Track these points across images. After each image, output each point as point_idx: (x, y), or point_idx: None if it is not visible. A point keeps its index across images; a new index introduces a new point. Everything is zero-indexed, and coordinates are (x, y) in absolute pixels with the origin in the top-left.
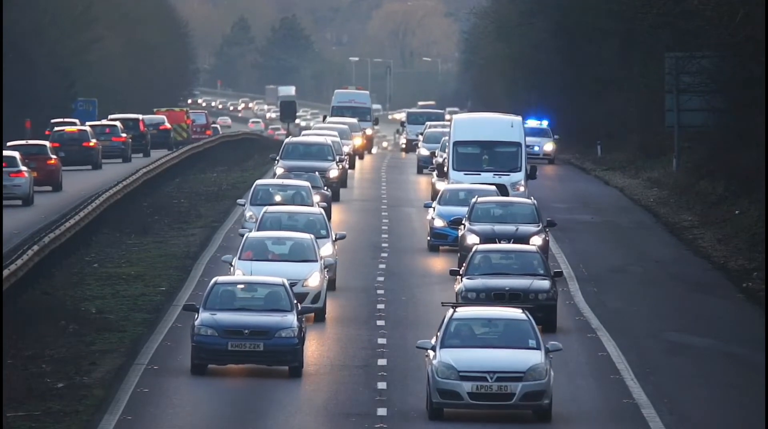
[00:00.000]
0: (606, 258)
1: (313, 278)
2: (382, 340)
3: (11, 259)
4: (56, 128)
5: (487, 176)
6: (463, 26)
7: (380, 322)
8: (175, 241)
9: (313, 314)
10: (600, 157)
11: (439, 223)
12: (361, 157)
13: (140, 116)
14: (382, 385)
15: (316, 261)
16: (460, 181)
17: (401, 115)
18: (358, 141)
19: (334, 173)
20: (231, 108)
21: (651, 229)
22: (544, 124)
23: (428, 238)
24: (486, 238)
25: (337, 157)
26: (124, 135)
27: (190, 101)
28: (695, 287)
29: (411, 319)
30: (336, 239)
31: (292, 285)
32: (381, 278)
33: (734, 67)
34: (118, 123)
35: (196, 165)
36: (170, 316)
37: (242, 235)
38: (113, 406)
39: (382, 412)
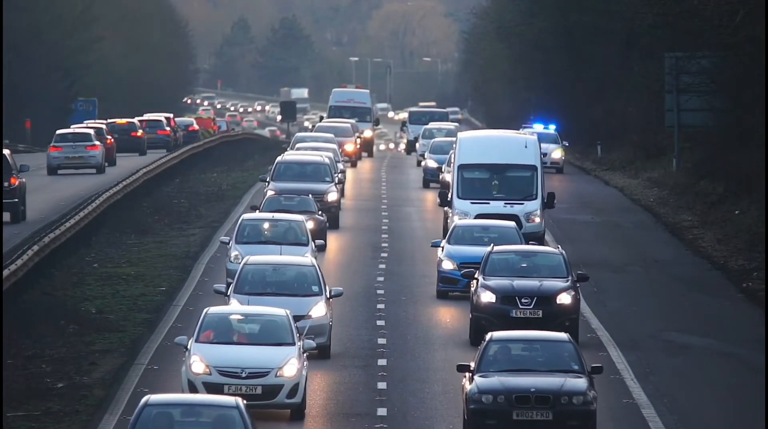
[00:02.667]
0: (606, 258)
1: (290, 366)
2: (382, 340)
3: (11, 259)
4: (109, 121)
5: (497, 205)
6: (463, 26)
7: (380, 322)
8: (175, 241)
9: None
10: (600, 157)
11: (448, 265)
12: (354, 165)
13: (171, 115)
14: (382, 385)
15: (293, 344)
16: (466, 211)
17: (405, 115)
18: (349, 147)
19: (333, 196)
20: (241, 109)
21: (651, 229)
22: (551, 128)
23: (437, 283)
24: (504, 295)
25: (336, 177)
26: (168, 129)
27: (206, 103)
28: (695, 287)
29: (411, 320)
30: (331, 297)
31: (263, 374)
32: (381, 278)
33: (734, 67)
34: (163, 118)
35: (197, 165)
36: (170, 316)
37: (218, 293)
38: (113, 406)
39: (382, 412)
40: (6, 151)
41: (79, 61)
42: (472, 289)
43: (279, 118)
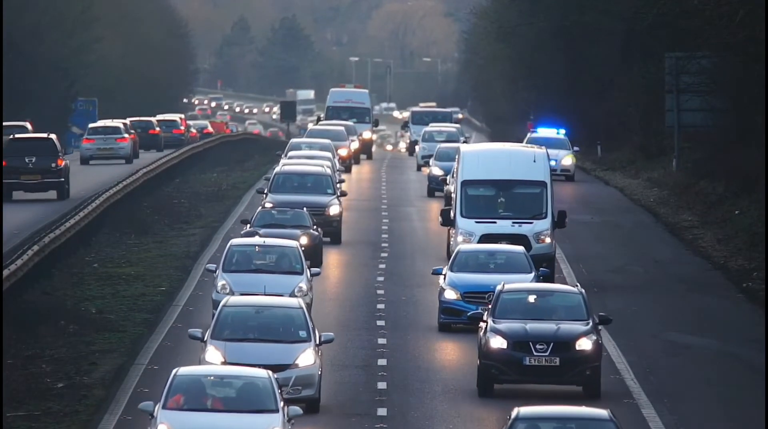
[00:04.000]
0: (606, 258)
1: None
2: (382, 340)
3: (11, 259)
4: (131, 119)
5: (505, 225)
6: (463, 26)
7: (380, 322)
8: (175, 241)
9: None
10: (600, 157)
11: (451, 294)
12: (348, 170)
13: (183, 116)
14: (382, 385)
15: (277, 411)
16: (471, 232)
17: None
18: (343, 152)
19: (335, 209)
20: (247, 111)
21: (651, 229)
22: (561, 133)
23: (439, 314)
24: (516, 340)
25: (339, 190)
26: (182, 128)
27: (214, 104)
28: (695, 287)
29: (411, 320)
30: (321, 343)
31: None
32: (381, 278)
33: (734, 67)
34: (177, 118)
35: (196, 165)
36: (170, 316)
37: (193, 338)
38: (113, 406)
39: (382, 412)
40: (53, 136)
41: (79, 61)
42: (480, 333)
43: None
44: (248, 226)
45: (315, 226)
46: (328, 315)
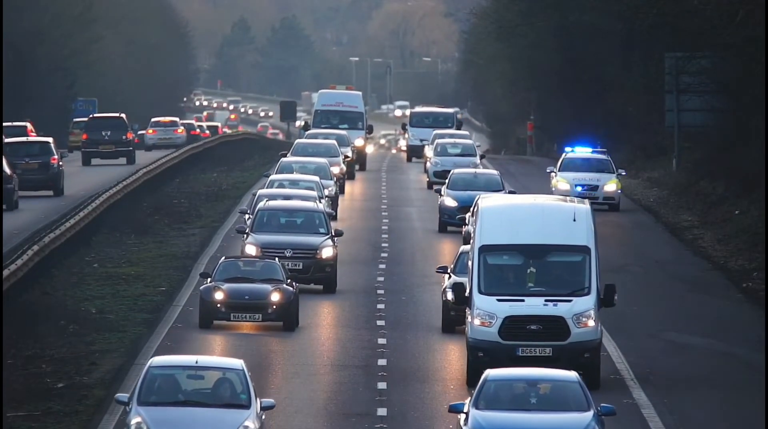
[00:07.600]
0: (606, 258)
1: None
2: (382, 340)
3: (11, 259)
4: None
5: (535, 303)
6: (463, 26)
7: (380, 322)
8: (175, 241)
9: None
10: None
11: None
12: (341, 190)
13: (219, 124)
14: (382, 385)
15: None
16: (491, 313)
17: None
18: (334, 170)
19: (328, 252)
20: (262, 114)
21: (651, 229)
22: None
23: None
24: None
25: (332, 228)
26: (207, 131)
27: (232, 107)
28: (695, 287)
29: (411, 319)
30: None
31: None
32: (381, 278)
33: (734, 67)
34: (204, 123)
35: (197, 165)
36: (170, 316)
37: None
38: (113, 406)
39: (382, 412)
40: (123, 115)
41: (79, 61)
42: None
43: (299, 123)
44: (209, 280)
45: (289, 280)
46: (328, 315)
